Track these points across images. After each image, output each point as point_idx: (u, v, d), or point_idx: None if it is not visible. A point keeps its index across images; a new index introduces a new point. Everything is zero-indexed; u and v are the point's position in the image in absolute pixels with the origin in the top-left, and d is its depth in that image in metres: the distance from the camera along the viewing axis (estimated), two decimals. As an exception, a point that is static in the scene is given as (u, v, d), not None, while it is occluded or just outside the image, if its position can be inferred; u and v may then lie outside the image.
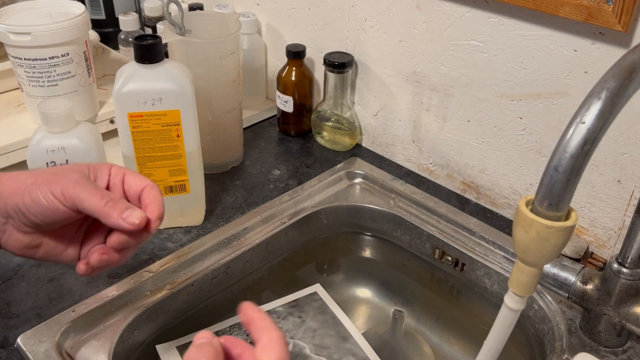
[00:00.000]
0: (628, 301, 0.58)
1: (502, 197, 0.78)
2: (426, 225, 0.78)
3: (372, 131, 0.90)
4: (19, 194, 0.46)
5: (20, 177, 0.47)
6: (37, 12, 0.81)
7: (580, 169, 0.39)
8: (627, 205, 0.67)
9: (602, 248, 0.71)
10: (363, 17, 0.83)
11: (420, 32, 0.77)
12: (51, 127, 0.61)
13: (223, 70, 0.77)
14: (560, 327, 0.63)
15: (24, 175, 0.47)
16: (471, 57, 0.73)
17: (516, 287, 0.45)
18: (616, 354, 0.61)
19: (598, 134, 0.39)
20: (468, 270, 0.74)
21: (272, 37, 1.00)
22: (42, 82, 0.80)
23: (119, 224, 0.46)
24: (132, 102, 0.64)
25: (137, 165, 0.68)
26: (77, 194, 0.45)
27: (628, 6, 0.57)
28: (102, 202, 0.46)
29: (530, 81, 0.69)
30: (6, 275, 0.67)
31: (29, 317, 0.62)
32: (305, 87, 0.93)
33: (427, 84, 0.80)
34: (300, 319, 0.73)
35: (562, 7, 0.61)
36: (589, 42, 0.63)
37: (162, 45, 0.65)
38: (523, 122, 0.72)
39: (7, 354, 0.58)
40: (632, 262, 0.56)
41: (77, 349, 0.60)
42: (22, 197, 0.45)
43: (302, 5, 0.92)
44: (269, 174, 0.86)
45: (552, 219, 0.41)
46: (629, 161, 0.65)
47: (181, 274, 0.69)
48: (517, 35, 0.68)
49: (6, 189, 0.46)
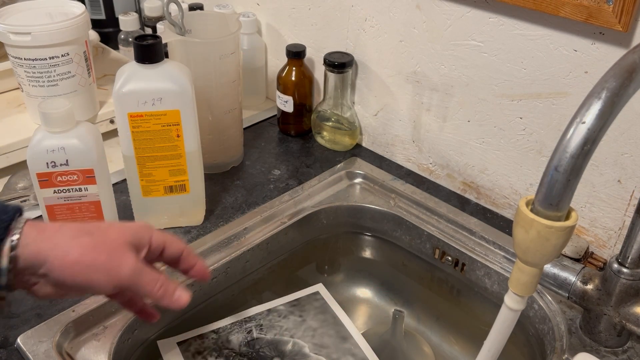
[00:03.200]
0: (628, 301, 0.58)
1: (502, 197, 0.78)
2: (426, 225, 0.78)
3: (372, 131, 0.90)
4: (71, 271, 0.45)
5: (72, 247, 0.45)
6: (37, 12, 0.81)
7: (581, 169, 0.39)
8: (627, 205, 0.67)
9: (602, 248, 0.71)
10: (363, 17, 0.83)
11: (420, 32, 0.77)
12: (51, 127, 0.61)
13: (223, 70, 0.77)
14: (560, 327, 0.63)
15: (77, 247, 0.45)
16: (471, 57, 0.73)
17: (516, 287, 0.45)
18: (616, 354, 0.61)
19: (598, 134, 0.39)
20: (468, 270, 0.74)
21: (272, 37, 1.00)
22: (42, 82, 0.80)
23: (172, 305, 0.49)
24: (132, 102, 0.64)
25: (137, 165, 0.68)
26: (135, 283, 0.47)
27: (628, 6, 0.57)
28: (156, 289, 0.48)
29: (530, 81, 0.69)
30: (6, 275, 0.67)
31: (29, 317, 0.62)
32: (305, 87, 0.93)
33: (427, 84, 0.80)
34: (301, 318, 0.73)
35: (562, 7, 0.61)
36: (589, 42, 0.62)
37: (162, 45, 0.65)
38: (523, 122, 0.71)
39: (7, 353, 0.58)
40: (632, 262, 0.56)
41: (77, 349, 0.60)
42: (74, 275, 0.45)
43: (302, 5, 0.92)
44: (269, 174, 0.86)
45: (553, 219, 0.41)
46: (629, 161, 0.64)
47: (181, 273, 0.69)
48: (517, 35, 0.68)
49: (54, 259, 0.44)
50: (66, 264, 0.44)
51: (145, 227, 0.50)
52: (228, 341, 0.70)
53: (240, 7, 1.02)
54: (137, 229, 0.49)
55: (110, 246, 0.46)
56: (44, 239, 0.45)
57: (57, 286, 0.46)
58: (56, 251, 0.44)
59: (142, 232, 0.50)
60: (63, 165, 0.62)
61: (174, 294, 0.49)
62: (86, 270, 0.45)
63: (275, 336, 0.71)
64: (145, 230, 0.50)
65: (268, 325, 0.72)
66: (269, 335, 0.71)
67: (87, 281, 0.45)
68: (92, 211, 0.66)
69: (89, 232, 0.46)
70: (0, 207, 0.45)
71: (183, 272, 0.54)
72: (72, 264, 0.45)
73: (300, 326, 0.72)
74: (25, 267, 0.44)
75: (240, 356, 0.68)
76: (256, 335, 0.70)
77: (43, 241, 0.45)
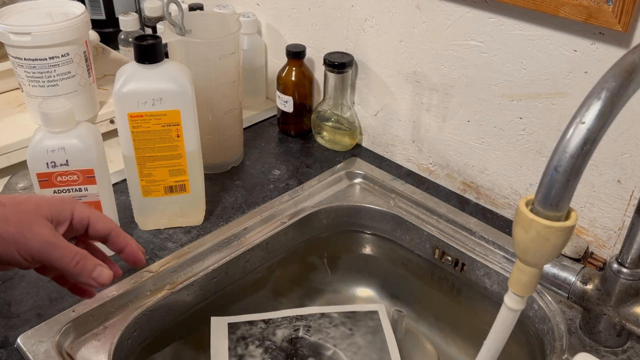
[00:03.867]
0: (628, 301, 0.58)
1: (502, 197, 0.78)
2: (426, 225, 0.78)
3: (372, 131, 0.90)
4: None
5: None
6: (37, 12, 0.81)
7: (580, 169, 0.39)
8: (627, 205, 0.67)
9: (602, 248, 0.71)
10: (363, 17, 0.83)
11: (420, 32, 0.77)
12: (51, 127, 0.61)
13: (223, 70, 0.77)
14: (560, 327, 0.63)
15: None
16: (471, 57, 0.73)
17: (516, 287, 0.45)
18: (616, 354, 0.61)
19: (598, 134, 0.39)
20: (468, 270, 0.74)
21: (272, 37, 1.00)
22: (42, 82, 0.80)
23: (89, 283, 0.47)
24: (132, 102, 0.64)
25: (137, 165, 0.68)
26: (46, 256, 0.45)
27: (628, 6, 0.57)
28: (72, 264, 0.46)
29: (530, 81, 0.69)
30: (6, 275, 0.67)
31: (29, 317, 0.62)
32: (305, 87, 0.93)
33: (427, 84, 0.80)
34: (350, 332, 0.73)
35: (562, 7, 0.61)
36: (588, 42, 0.63)
37: (162, 45, 0.65)
38: (523, 122, 0.72)
39: (7, 354, 0.58)
40: (632, 262, 0.56)
41: (77, 349, 0.60)
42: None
43: (302, 6, 0.92)
44: (269, 174, 0.86)
45: (552, 219, 0.41)
46: (629, 161, 0.65)
47: (181, 274, 0.69)
48: (517, 35, 0.68)
49: None
50: None
51: (66, 201, 0.49)
52: (274, 334, 0.70)
53: (240, 7, 1.02)
54: (56, 203, 0.48)
55: (23, 218, 0.45)
56: None
57: None
58: None
59: (62, 206, 0.48)
60: (63, 166, 0.62)
61: (94, 271, 0.47)
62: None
63: (319, 340, 0.71)
64: (65, 204, 0.48)
65: (316, 328, 0.72)
66: (314, 337, 0.71)
67: (4, 256, 0.44)
68: (92, 211, 0.66)
69: (1, 204, 0.45)
70: None
71: (116, 253, 0.52)
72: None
73: (346, 339, 0.72)
74: None
75: (279, 350, 0.69)
76: (301, 335, 0.71)
77: None
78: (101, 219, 0.50)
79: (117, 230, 0.51)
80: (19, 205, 0.46)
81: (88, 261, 0.47)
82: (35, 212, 0.46)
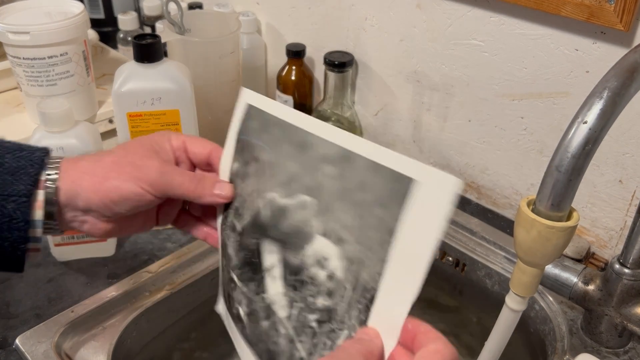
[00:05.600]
0: (629, 302, 0.57)
1: (503, 197, 0.78)
2: (426, 225, 0.78)
3: (373, 131, 0.90)
4: (103, 190, 0.45)
5: (96, 170, 0.46)
6: (35, 11, 0.81)
7: (582, 169, 0.39)
8: (629, 206, 0.66)
9: (604, 248, 0.71)
10: (363, 17, 0.83)
11: (420, 32, 0.77)
12: (50, 127, 0.61)
13: (222, 69, 0.77)
14: (561, 327, 0.63)
15: (101, 168, 0.46)
16: (472, 57, 0.73)
17: (517, 287, 0.45)
18: (617, 355, 0.60)
19: (600, 134, 0.39)
20: (469, 271, 0.74)
21: (272, 37, 1.00)
22: (40, 82, 0.80)
23: (214, 201, 0.47)
24: (131, 101, 0.64)
25: (136, 165, 0.68)
26: (167, 184, 0.46)
27: (629, 5, 0.56)
28: (192, 186, 0.47)
29: (531, 81, 0.69)
30: (5, 276, 0.66)
31: (27, 318, 0.61)
32: (305, 87, 0.93)
33: (428, 84, 0.79)
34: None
35: (563, 7, 0.61)
36: (590, 41, 0.62)
37: (162, 44, 0.65)
38: (524, 121, 0.71)
39: (6, 354, 0.58)
40: (634, 262, 0.56)
41: (76, 350, 0.59)
42: (107, 193, 0.45)
43: (302, 5, 0.91)
44: (268, 173, 0.85)
45: (554, 219, 0.41)
46: (631, 161, 0.64)
47: (181, 274, 0.69)
48: (518, 34, 0.67)
49: (86, 186, 0.45)
50: (96, 185, 0.45)
51: (161, 133, 0.50)
52: None
53: (239, 6, 1.02)
54: (155, 137, 0.49)
55: (134, 158, 0.46)
56: (73, 169, 0.45)
57: (104, 217, 0.46)
58: (84, 178, 0.45)
59: (160, 138, 0.49)
60: (62, 165, 0.62)
61: (214, 187, 0.47)
62: (116, 184, 0.45)
63: None
64: (161, 136, 0.49)
65: None
66: None
67: (122, 195, 0.45)
68: (91, 211, 0.66)
69: (110, 152, 0.47)
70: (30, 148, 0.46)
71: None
72: (101, 182, 0.45)
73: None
74: (65, 203, 0.45)
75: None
76: None
77: (72, 170, 0.45)
78: (197, 140, 0.50)
79: (217, 148, 0.50)
80: (126, 148, 0.48)
81: (206, 180, 0.48)
82: (143, 150, 0.47)
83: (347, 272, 0.39)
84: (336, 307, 0.40)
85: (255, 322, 0.45)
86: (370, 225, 0.38)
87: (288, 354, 0.41)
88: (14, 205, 0.43)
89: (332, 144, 0.41)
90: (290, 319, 0.42)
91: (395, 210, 0.37)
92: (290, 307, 0.42)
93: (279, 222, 0.43)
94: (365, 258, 0.38)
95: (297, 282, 0.42)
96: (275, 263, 0.44)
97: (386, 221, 0.37)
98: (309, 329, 0.41)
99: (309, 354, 0.40)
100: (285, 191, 0.43)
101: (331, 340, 0.40)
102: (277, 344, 0.42)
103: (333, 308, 0.40)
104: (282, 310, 0.43)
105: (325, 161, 0.41)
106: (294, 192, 0.43)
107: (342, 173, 0.40)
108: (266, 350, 0.43)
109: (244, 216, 0.47)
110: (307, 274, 0.41)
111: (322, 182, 0.41)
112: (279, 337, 0.42)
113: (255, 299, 0.45)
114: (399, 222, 0.37)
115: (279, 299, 0.43)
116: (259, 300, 0.44)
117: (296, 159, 0.43)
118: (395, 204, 0.37)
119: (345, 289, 0.39)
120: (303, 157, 0.43)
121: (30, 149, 0.46)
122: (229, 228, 0.48)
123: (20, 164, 0.44)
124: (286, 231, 0.43)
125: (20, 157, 0.45)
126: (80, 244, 0.68)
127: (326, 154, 0.41)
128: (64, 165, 0.45)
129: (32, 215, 0.44)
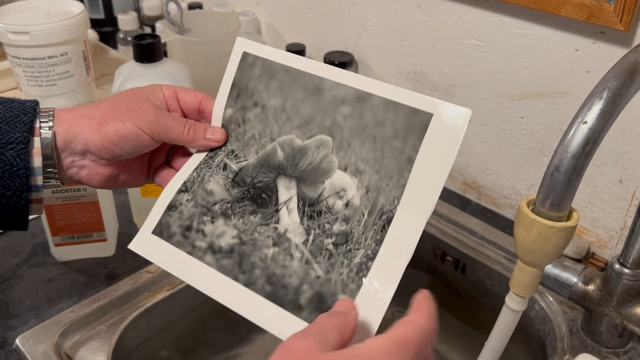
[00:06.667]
0: (630, 302, 0.57)
1: (503, 198, 0.78)
2: (427, 225, 0.77)
3: (373, 131, 0.90)
4: (102, 131, 0.46)
5: (94, 113, 0.47)
6: (35, 11, 0.81)
7: (582, 169, 0.39)
8: (629, 206, 0.66)
9: (604, 248, 0.71)
10: (363, 16, 0.83)
11: (420, 31, 0.77)
12: (50, 127, 0.61)
13: (222, 69, 0.76)
14: (561, 327, 0.63)
15: (98, 111, 0.47)
16: (472, 57, 0.73)
17: (517, 287, 0.45)
18: (617, 355, 0.60)
19: (600, 134, 0.39)
20: (469, 271, 0.74)
21: (272, 36, 0.99)
22: (40, 82, 0.80)
23: (206, 144, 0.50)
24: (131, 101, 0.64)
25: (136, 165, 0.68)
26: (162, 126, 0.48)
27: (629, 5, 0.56)
28: (185, 130, 0.49)
29: (531, 81, 0.68)
30: (5, 276, 0.66)
31: (27, 318, 0.61)
32: (305, 87, 0.93)
33: (428, 84, 0.79)
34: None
35: (563, 7, 0.61)
36: (590, 41, 0.62)
37: (161, 44, 0.65)
38: (524, 121, 0.71)
39: (6, 354, 0.58)
40: (634, 262, 0.56)
41: (76, 350, 0.59)
42: (106, 134, 0.46)
43: (302, 4, 0.91)
44: (268, 173, 0.85)
45: (554, 219, 0.41)
46: (631, 161, 0.64)
47: (180, 274, 0.68)
48: (518, 34, 0.67)
49: (84, 128, 0.46)
50: (94, 127, 0.46)
51: (153, 84, 0.52)
52: None
53: (239, 6, 1.02)
54: (145, 87, 0.51)
55: (129, 102, 0.48)
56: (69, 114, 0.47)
57: (103, 160, 0.48)
58: (81, 121, 0.47)
59: (153, 87, 0.51)
60: (61, 165, 0.62)
61: (206, 132, 0.50)
62: (115, 124, 0.46)
63: None
64: (154, 86, 0.51)
65: None
66: None
67: (121, 134, 0.46)
68: (91, 211, 0.66)
69: (105, 99, 0.49)
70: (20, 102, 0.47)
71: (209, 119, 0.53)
72: (99, 123, 0.46)
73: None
74: (63, 147, 0.46)
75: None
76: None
77: (68, 115, 0.47)
78: (188, 90, 0.52)
79: (208, 97, 0.53)
80: (120, 96, 0.50)
81: (198, 125, 0.50)
82: (137, 97, 0.49)
83: (364, 198, 0.44)
84: (352, 231, 0.44)
85: (253, 251, 0.45)
86: (389, 156, 0.44)
87: (302, 274, 0.43)
88: (13, 153, 0.45)
89: (347, 86, 0.46)
90: (307, 244, 0.44)
91: (414, 141, 0.43)
92: (307, 235, 0.45)
93: (298, 162, 0.47)
94: (384, 185, 0.44)
95: (313, 212, 0.46)
96: (292, 197, 0.46)
97: (406, 151, 0.43)
98: (326, 251, 0.44)
99: (327, 272, 0.42)
100: (303, 133, 0.47)
101: (348, 259, 0.43)
102: (286, 267, 0.43)
103: (349, 232, 0.44)
104: (297, 237, 0.45)
105: (342, 103, 0.46)
106: (312, 133, 0.47)
107: (360, 112, 0.46)
108: (267, 275, 0.44)
109: (245, 157, 0.49)
110: (325, 205, 0.45)
111: (339, 122, 0.46)
112: (292, 261, 0.44)
113: (259, 229, 0.46)
114: (419, 151, 0.43)
115: (295, 227, 0.45)
116: (267, 231, 0.46)
117: (310, 102, 0.48)
118: (415, 136, 0.43)
119: (362, 215, 0.44)
120: (318, 101, 0.47)
121: (21, 101, 0.47)
122: (216, 167, 0.49)
123: (14, 113, 0.46)
124: (305, 169, 0.46)
125: (12, 108, 0.46)
126: (81, 244, 0.68)
127: (342, 95, 0.46)
128: (58, 113, 0.47)
129: (32, 162, 0.45)
